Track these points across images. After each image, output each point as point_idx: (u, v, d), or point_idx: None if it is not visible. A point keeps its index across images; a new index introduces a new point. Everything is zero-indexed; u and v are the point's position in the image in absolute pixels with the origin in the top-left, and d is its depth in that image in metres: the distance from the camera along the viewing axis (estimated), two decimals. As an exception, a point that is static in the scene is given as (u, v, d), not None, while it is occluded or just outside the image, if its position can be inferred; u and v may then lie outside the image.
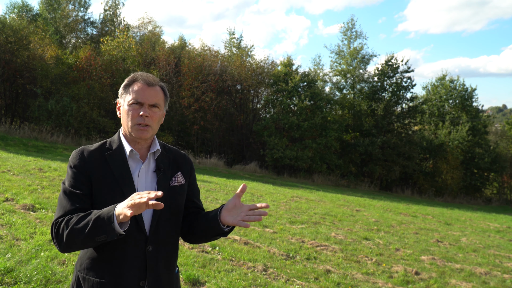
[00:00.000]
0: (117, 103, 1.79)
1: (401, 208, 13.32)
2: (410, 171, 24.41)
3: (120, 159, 1.68)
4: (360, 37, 25.92)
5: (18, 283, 3.46)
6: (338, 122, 23.12)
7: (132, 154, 1.69)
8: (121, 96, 1.74)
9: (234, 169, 19.70)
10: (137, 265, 1.62)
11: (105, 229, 1.45)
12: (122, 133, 1.75)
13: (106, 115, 19.89)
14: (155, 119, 1.68)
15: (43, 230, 4.92)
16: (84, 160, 1.65)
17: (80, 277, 1.64)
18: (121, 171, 1.65)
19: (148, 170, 1.72)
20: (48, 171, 9.21)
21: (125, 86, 1.72)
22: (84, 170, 1.63)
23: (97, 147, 1.71)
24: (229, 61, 23.47)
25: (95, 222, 1.46)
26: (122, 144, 1.72)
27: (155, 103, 1.68)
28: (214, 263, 4.77)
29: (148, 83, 1.69)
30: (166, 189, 1.70)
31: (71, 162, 1.67)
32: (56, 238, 1.55)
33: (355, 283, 4.86)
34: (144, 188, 1.68)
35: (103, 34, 25.51)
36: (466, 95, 26.93)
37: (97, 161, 1.66)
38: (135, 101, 1.66)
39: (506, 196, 27.48)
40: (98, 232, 1.46)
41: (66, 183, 1.65)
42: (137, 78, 1.71)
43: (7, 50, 18.12)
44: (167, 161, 1.78)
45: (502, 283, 5.64)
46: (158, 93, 1.70)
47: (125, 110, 1.69)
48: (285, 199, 11.07)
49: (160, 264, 1.67)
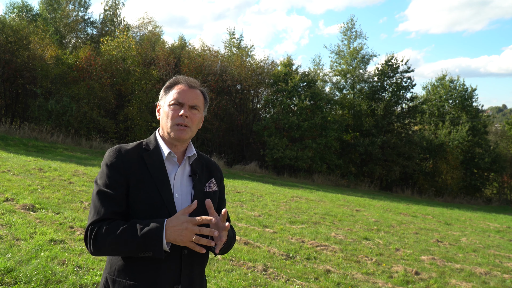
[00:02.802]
0: (157, 105, 1.78)
1: (401, 208, 13.32)
2: (410, 171, 24.42)
3: (158, 160, 1.66)
4: (360, 37, 25.98)
5: (18, 283, 3.46)
6: (338, 122, 23.12)
7: (170, 156, 1.68)
8: (161, 98, 1.74)
9: (234, 169, 19.70)
10: (172, 268, 1.59)
11: (153, 248, 1.46)
12: (160, 135, 1.74)
13: (106, 115, 19.90)
14: (194, 121, 1.68)
15: (43, 230, 4.92)
16: (122, 158, 1.62)
17: (109, 279, 1.60)
18: (159, 173, 1.63)
19: (183, 174, 1.71)
20: (48, 171, 9.21)
21: (166, 88, 1.73)
22: (121, 169, 1.60)
23: (134, 147, 1.69)
24: (229, 61, 23.47)
25: (144, 237, 1.46)
26: (159, 145, 1.70)
27: (195, 105, 1.68)
28: (214, 263, 4.77)
29: (189, 85, 1.70)
30: (202, 194, 1.70)
31: (107, 160, 1.62)
32: (92, 244, 1.51)
33: (355, 283, 4.86)
34: (180, 191, 1.66)
35: (103, 34, 25.51)
36: (466, 95, 26.95)
37: (135, 160, 1.63)
38: (176, 101, 1.66)
39: (506, 196, 27.48)
40: (145, 248, 1.46)
41: (99, 182, 1.60)
42: (179, 80, 1.72)
43: (7, 50, 18.13)
44: (201, 167, 1.77)
45: (502, 283, 5.64)
46: (198, 96, 1.71)
47: (165, 111, 1.68)
48: (285, 199, 11.06)
49: (194, 269, 1.66)
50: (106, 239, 1.49)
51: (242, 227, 6.84)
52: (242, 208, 8.72)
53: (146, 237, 1.46)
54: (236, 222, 7.22)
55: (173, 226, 1.48)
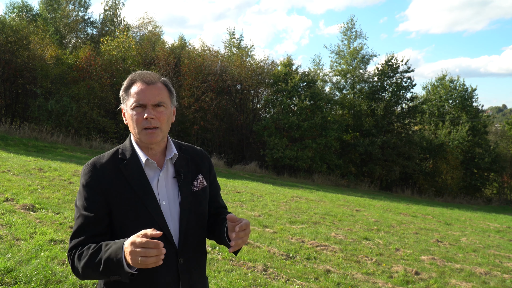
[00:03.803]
0: (121, 109, 1.64)
1: (401, 208, 13.32)
2: (410, 171, 24.43)
3: (137, 170, 1.53)
4: (360, 37, 26.01)
5: (18, 283, 3.46)
6: (338, 122, 23.13)
7: (149, 162, 1.55)
8: (123, 101, 1.60)
9: (234, 169, 19.70)
10: (170, 280, 1.52)
11: (117, 272, 1.36)
12: (134, 139, 1.61)
13: (106, 115, 19.90)
14: (163, 119, 1.54)
15: (43, 230, 4.92)
16: (98, 176, 1.50)
17: None
18: (139, 183, 1.51)
19: (167, 177, 1.59)
20: (48, 171, 9.21)
21: (125, 89, 1.58)
22: (98, 188, 1.49)
23: (109, 158, 1.56)
24: (229, 61, 23.48)
25: (106, 263, 1.36)
26: (135, 152, 1.57)
27: (158, 102, 1.53)
28: (214, 263, 4.77)
29: (147, 82, 1.54)
30: (189, 196, 1.60)
31: (83, 180, 1.51)
32: (72, 269, 1.47)
33: (355, 283, 4.86)
34: (167, 196, 1.55)
35: (103, 34, 25.52)
36: (466, 95, 26.96)
37: (112, 174, 1.52)
38: (137, 103, 1.51)
39: (506, 196, 27.48)
40: (110, 273, 1.38)
41: (78, 204, 1.51)
42: (135, 79, 1.57)
43: (7, 50, 18.13)
44: (185, 164, 1.65)
45: (502, 283, 5.64)
46: (160, 91, 1.56)
47: (130, 115, 1.55)
48: (285, 199, 11.06)
49: (192, 275, 1.59)
50: (80, 264, 1.42)
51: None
52: (242, 208, 8.72)
53: (108, 261, 1.36)
54: (236, 222, 7.21)
55: (126, 248, 1.33)
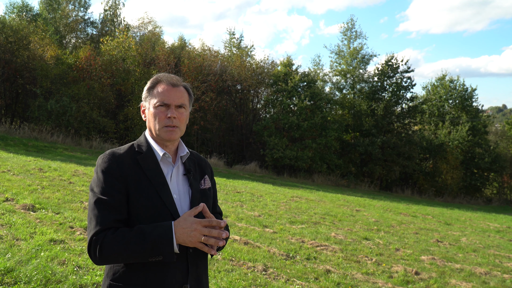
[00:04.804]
0: (141, 106, 1.75)
1: (401, 208, 13.32)
2: (410, 171, 24.42)
3: (153, 162, 1.63)
4: (360, 37, 26.01)
5: (18, 283, 3.46)
6: (338, 122, 23.14)
7: (165, 157, 1.66)
8: (145, 99, 1.70)
9: (234, 169, 19.70)
10: (180, 268, 1.58)
11: (164, 251, 1.46)
12: (149, 136, 1.71)
13: (106, 115, 19.90)
14: (182, 120, 1.67)
15: (43, 230, 4.92)
16: (117, 163, 1.58)
17: (113, 286, 1.56)
18: (156, 175, 1.61)
19: (178, 173, 1.70)
20: (48, 171, 9.21)
21: (149, 89, 1.69)
22: (118, 175, 1.56)
23: (126, 150, 1.65)
24: (229, 61, 23.48)
25: (153, 243, 1.44)
26: (151, 147, 1.67)
27: (181, 104, 1.66)
28: (214, 263, 4.77)
29: (172, 84, 1.66)
30: (198, 192, 1.70)
31: (102, 167, 1.57)
32: (98, 254, 1.47)
33: (355, 283, 4.86)
34: (178, 191, 1.65)
35: (103, 34, 25.52)
36: (466, 95, 26.96)
37: (130, 164, 1.60)
38: (162, 103, 1.63)
39: (506, 196, 27.48)
40: (155, 253, 1.46)
41: (96, 190, 1.55)
42: (161, 80, 1.68)
43: (7, 50, 18.13)
44: (193, 164, 1.77)
45: (502, 283, 5.64)
46: (183, 94, 1.68)
47: (152, 113, 1.65)
48: (285, 199, 11.06)
49: (199, 266, 1.66)
50: (113, 248, 1.46)
51: (242, 227, 6.84)
52: (242, 208, 8.72)
53: (156, 242, 1.45)
54: (236, 222, 7.22)
55: (182, 228, 1.48)
